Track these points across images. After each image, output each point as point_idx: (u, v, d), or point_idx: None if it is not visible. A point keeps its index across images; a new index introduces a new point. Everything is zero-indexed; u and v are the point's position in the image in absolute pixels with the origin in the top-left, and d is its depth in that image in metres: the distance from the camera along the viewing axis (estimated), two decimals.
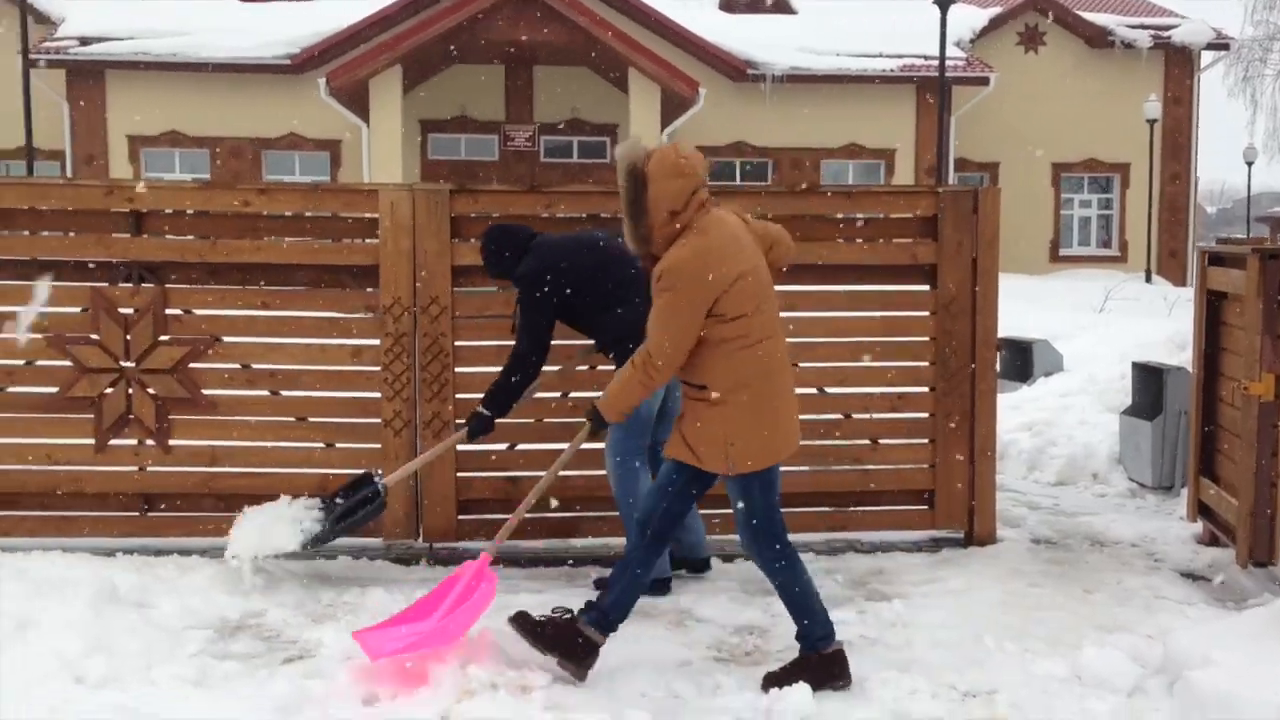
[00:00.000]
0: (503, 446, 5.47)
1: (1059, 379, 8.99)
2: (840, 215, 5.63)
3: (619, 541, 5.36)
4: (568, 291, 4.71)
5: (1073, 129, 24.97)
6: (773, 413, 3.80)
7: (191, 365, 5.38)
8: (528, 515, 5.41)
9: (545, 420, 5.37)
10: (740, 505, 3.89)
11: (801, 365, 5.60)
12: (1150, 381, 6.99)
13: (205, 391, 5.40)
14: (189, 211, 5.40)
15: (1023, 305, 13.38)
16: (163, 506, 5.48)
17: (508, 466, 5.48)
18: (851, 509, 5.68)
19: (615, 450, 4.86)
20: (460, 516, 5.48)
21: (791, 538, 5.51)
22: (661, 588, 4.91)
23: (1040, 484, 7.25)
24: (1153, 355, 7.88)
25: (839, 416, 5.67)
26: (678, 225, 3.78)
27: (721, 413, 3.76)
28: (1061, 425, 7.74)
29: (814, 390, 5.63)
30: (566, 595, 4.78)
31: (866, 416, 5.67)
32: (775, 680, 3.82)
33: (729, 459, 3.78)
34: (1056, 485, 7.20)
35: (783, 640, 4.29)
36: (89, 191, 5.39)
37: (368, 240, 5.41)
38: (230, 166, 22.31)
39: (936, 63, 20.89)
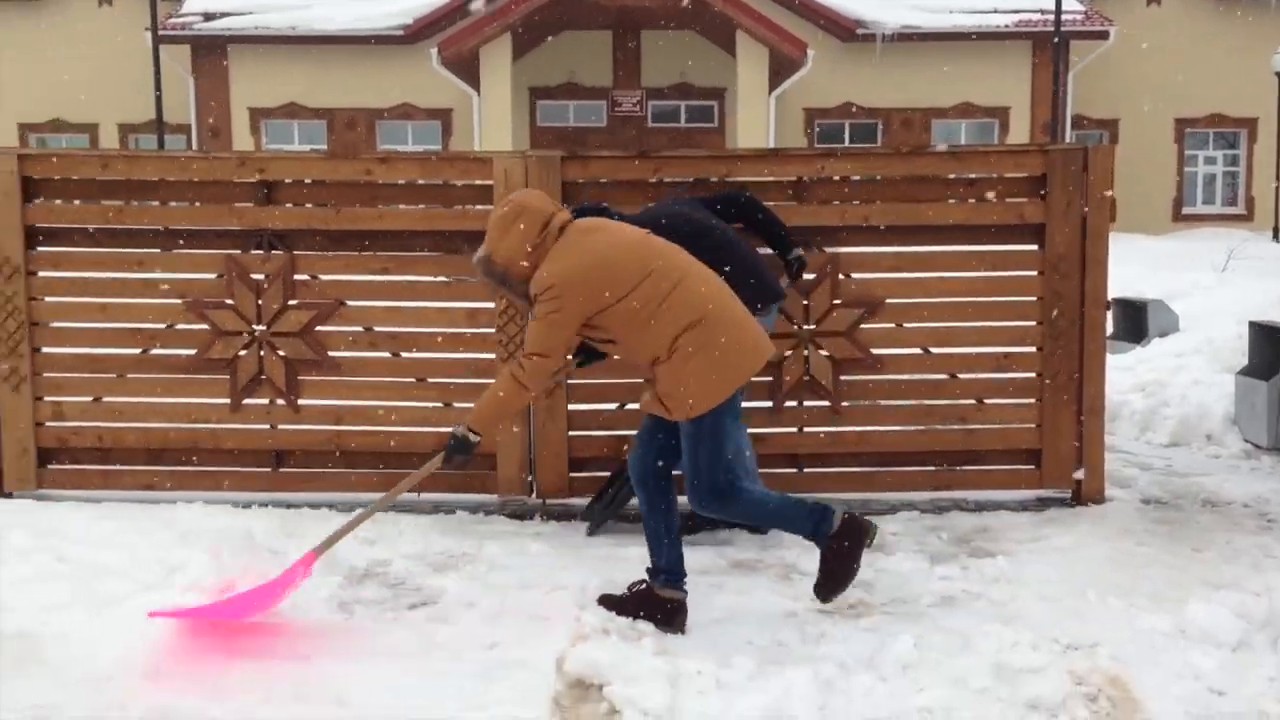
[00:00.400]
0: (612, 406, 5.64)
1: (1174, 339, 8.84)
2: (952, 175, 5.65)
3: None
4: None
5: (1197, 83, 24.12)
6: (723, 348, 3.87)
7: (318, 328, 5.65)
8: None
9: None
10: (689, 456, 3.97)
11: (906, 326, 5.66)
12: (1267, 341, 6.86)
13: (331, 353, 5.67)
14: (307, 181, 5.67)
15: (1141, 265, 13.11)
16: (292, 463, 5.79)
17: (616, 426, 5.65)
18: (957, 468, 5.73)
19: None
20: (572, 474, 5.67)
21: (895, 496, 5.68)
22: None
23: (1152, 445, 7.18)
24: (1273, 315, 7.71)
25: (944, 376, 5.71)
26: (541, 253, 3.93)
27: (676, 367, 3.86)
28: (1175, 386, 7.63)
29: (919, 350, 5.69)
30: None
31: (972, 376, 5.71)
32: (825, 588, 4.07)
33: (690, 406, 3.89)
34: (1169, 446, 7.12)
35: (887, 593, 4.39)
36: (222, 163, 5.68)
37: (481, 207, 5.60)
38: (345, 137, 22.88)
39: (1053, 17, 20.40)
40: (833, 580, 4.04)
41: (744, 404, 5.60)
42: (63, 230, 5.72)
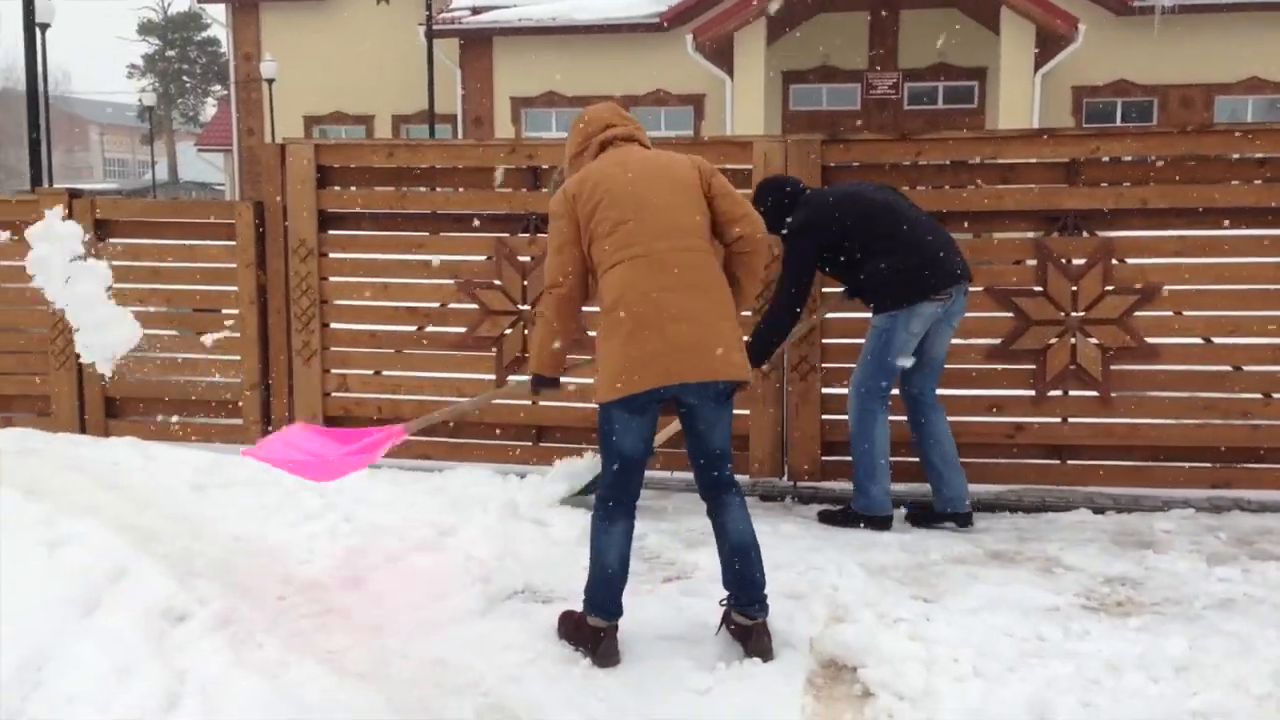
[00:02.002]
0: None
1: None
2: (1238, 155, 5.31)
3: (983, 488, 5.37)
4: (836, 242, 4.85)
5: None
6: (617, 349, 3.48)
7: None
8: (892, 459, 5.57)
9: None
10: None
11: (1186, 314, 5.36)
12: None
13: None
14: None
15: None
16: (553, 436, 6.02)
17: None
18: (1239, 465, 5.38)
19: (856, 389, 5.00)
20: (825, 458, 5.66)
21: (1168, 493, 5.38)
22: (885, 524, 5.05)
23: None
24: None
25: (1227, 368, 5.37)
26: (576, 168, 3.76)
27: (602, 338, 3.58)
28: None
29: (1199, 340, 5.38)
30: (923, 536, 4.89)
31: (1259, 369, 5.34)
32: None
33: (599, 385, 3.56)
34: None
35: (1159, 593, 4.19)
36: (493, 150, 5.95)
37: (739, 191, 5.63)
38: None
39: None
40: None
41: (1005, 391, 5.47)
42: (349, 215, 6.14)
